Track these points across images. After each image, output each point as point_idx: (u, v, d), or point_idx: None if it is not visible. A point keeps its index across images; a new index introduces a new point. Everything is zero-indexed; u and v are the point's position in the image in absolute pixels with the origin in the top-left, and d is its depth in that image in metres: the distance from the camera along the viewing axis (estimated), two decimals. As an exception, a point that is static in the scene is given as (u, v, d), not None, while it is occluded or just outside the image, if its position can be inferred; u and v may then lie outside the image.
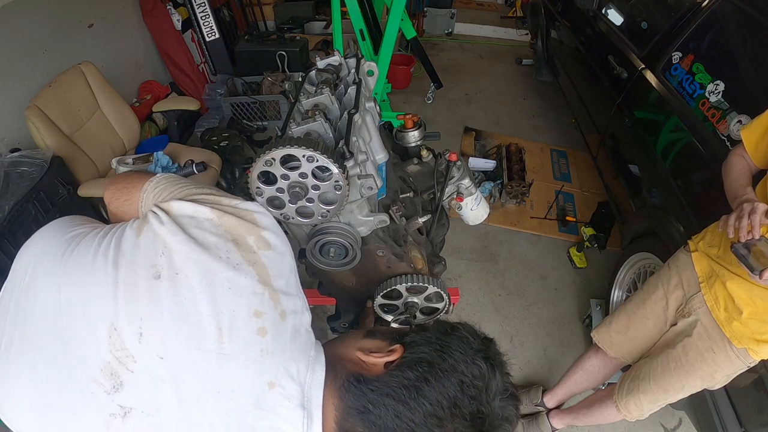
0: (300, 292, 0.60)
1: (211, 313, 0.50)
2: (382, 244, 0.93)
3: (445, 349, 0.56)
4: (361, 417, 0.52)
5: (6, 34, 2.07)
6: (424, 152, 1.23)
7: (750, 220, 1.01)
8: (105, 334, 0.50)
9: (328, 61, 1.04)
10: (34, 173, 1.78)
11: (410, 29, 3.11)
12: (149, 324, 0.50)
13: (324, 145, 0.72)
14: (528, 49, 4.83)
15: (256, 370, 0.51)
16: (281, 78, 3.36)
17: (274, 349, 0.52)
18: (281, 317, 0.54)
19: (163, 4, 3.16)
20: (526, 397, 1.86)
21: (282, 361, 0.53)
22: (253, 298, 0.53)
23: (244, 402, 0.50)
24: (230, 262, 0.53)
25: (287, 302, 0.56)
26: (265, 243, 0.57)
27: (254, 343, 0.51)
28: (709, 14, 1.87)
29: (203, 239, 0.54)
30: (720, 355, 1.22)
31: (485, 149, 3.40)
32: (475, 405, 0.52)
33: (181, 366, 0.49)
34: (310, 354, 0.56)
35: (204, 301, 0.51)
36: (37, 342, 0.54)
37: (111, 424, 0.49)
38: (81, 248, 0.58)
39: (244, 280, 0.53)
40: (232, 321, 0.51)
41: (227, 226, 0.56)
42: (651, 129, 1.99)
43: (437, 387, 0.52)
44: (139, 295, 0.51)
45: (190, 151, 2.38)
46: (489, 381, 0.54)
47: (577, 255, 2.57)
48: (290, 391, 0.52)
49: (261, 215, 0.59)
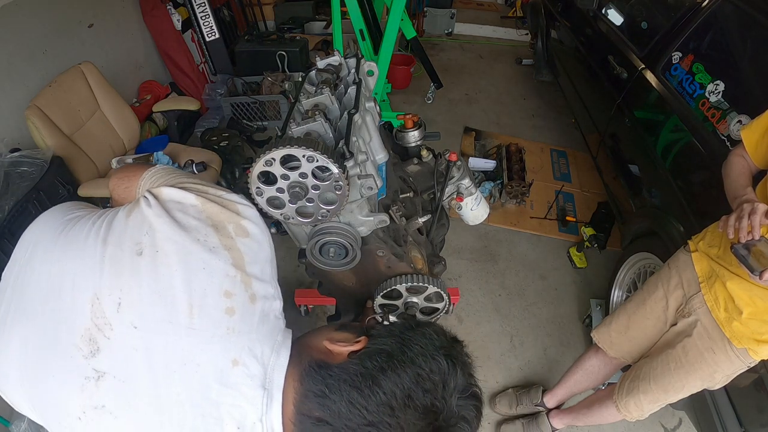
0: (274, 280, 0.63)
1: (185, 290, 0.54)
2: (382, 244, 0.94)
3: (406, 343, 0.57)
4: (318, 401, 0.53)
5: (6, 34, 2.07)
6: (424, 152, 1.23)
7: (750, 221, 1.01)
8: (88, 303, 0.54)
9: (328, 61, 1.04)
10: (34, 173, 1.78)
11: (410, 29, 3.11)
12: (128, 295, 0.54)
13: (324, 145, 0.72)
14: (528, 49, 4.83)
15: (221, 347, 0.54)
16: (281, 78, 3.36)
17: (241, 329, 0.55)
18: (251, 300, 0.58)
19: (163, 4, 3.16)
20: (526, 397, 1.86)
21: (247, 341, 0.55)
22: (225, 280, 0.56)
23: (208, 377, 0.53)
24: (207, 244, 0.57)
25: (259, 287, 0.59)
26: (243, 231, 0.61)
27: (221, 321, 0.55)
28: (709, 14, 1.87)
29: (185, 222, 0.58)
30: (720, 355, 1.22)
31: (485, 149, 3.40)
32: (429, 399, 0.53)
33: (153, 336, 0.53)
34: (276, 338, 0.59)
35: (179, 278, 0.54)
36: (31, 311, 0.58)
37: (85, 387, 0.53)
38: (77, 227, 0.62)
39: (218, 262, 0.57)
40: (203, 299, 0.54)
41: (209, 213, 0.60)
42: (651, 129, 1.99)
43: (393, 377, 0.53)
44: (122, 269, 0.55)
45: (190, 151, 2.38)
46: (447, 377, 0.55)
47: (577, 255, 2.57)
48: (253, 371, 0.54)
49: (244, 206, 0.63)
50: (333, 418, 0.52)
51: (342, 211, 0.81)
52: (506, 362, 2.10)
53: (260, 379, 0.54)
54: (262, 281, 0.60)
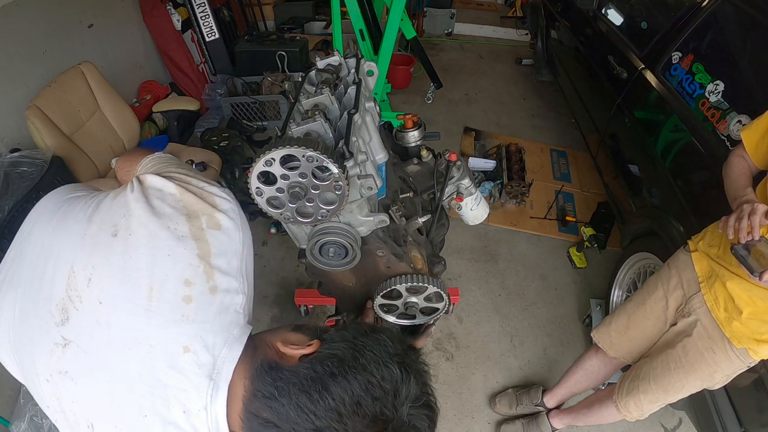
0: (241, 276, 0.63)
1: (148, 273, 0.57)
2: (382, 244, 0.93)
3: (359, 349, 0.56)
4: (267, 402, 0.53)
5: (6, 34, 2.07)
6: (424, 152, 1.23)
7: (750, 221, 1.01)
8: (66, 275, 0.58)
9: (328, 61, 1.04)
10: (34, 173, 1.78)
11: (410, 29, 3.11)
12: (98, 272, 0.57)
13: (324, 145, 0.72)
14: (528, 49, 4.83)
15: (174, 332, 0.55)
16: (281, 78, 3.36)
17: (195, 318, 0.57)
18: (211, 291, 0.59)
19: (163, 4, 3.16)
20: (526, 397, 1.87)
21: (200, 330, 0.56)
22: (188, 268, 0.58)
23: (159, 359, 0.55)
24: (176, 233, 0.60)
25: (221, 280, 0.60)
26: (216, 223, 0.63)
27: (177, 307, 0.56)
28: (709, 14, 1.87)
29: (160, 209, 0.61)
30: (720, 355, 1.22)
31: (485, 149, 3.40)
32: (379, 406, 0.52)
33: (114, 312, 0.56)
34: (232, 332, 0.59)
35: (144, 261, 0.57)
36: (21, 280, 0.63)
37: (54, 352, 0.57)
38: (73, 206, 0.66)
39: (184, 251, 0.59)
40: (163, 283, 0.57)
41: (185, 202, 0.63)
42: (651, 129, 1.99)
43: (342, 383, 0.52)
44: (97, 247, 0.59)
45: (190, 151, 2.38)
46: (399, 386, 0.54)
47: (577, 255, 2.57)
48: (202, 360, 0.55)
49: (222, 199, 0.65)
50: (281, 421, 0.52)
51: (342, 211, 0.81)
52: (506, 362, 2.10)
53: (208, 369, 0.55)
54: (226, 274, 0.61)
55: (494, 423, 1.89)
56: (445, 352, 2.12)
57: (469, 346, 2.16)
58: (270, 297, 2.29)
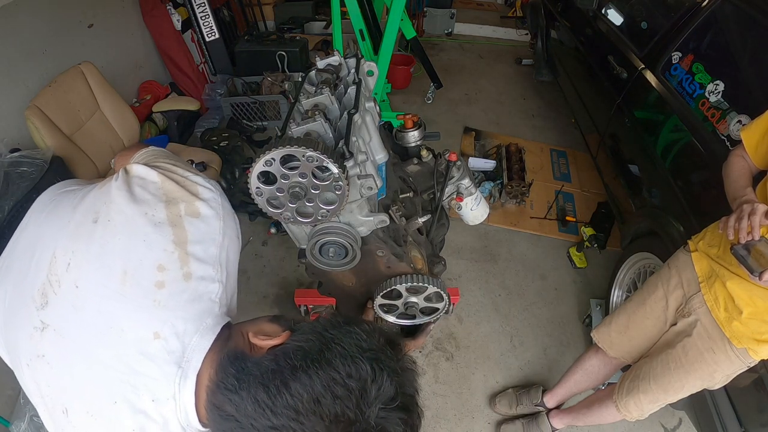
0: (219, 264, 0.63)
1: (123, 258, 0.57)
2: (382, 244, 0.93)
3: (327, 342, 0.52)
4: (228, 395, 0.51)
5: (6, 34, 2.06)
6: (424, 152, 1.23)
7: (750, 221, 1.01)
8: (48, 261, 0.59)
9: (328, 61, 1.04)
10: (34, 173, 1.78)
11: (410, 29, 3.11)
12: (76, 257, 0.58)
13: (324, 145, 0.72)
14: (528, 49, 4.83)
15: (145, 317, 0.55)
16: (281, 78, 3.36)
17: (167, 304, 0.56)
18: (185, 278, 0.58)
19: (163, 4, 3.16)
20: (526, 397, 1.87)
21: (171, 317, 0.56)
22: (162, 254, 0.58)
23: (130, 344, 0.54)
24: (153, 219, 0.59)
25: (197, 267, 0.60)
26: (194, 211, 0.62)
27: (149, 293, 0.56)
28: (709, 14, 1.87)
29: (140, 196, 0.61)
30: (720, 355, 1.22)
31: (485, 149, 3.40)
32: (340, 406, 0.47)
33: (89, 296, 0.56)
34: (205, 320, 0.58)
35: (120, 246, 0.58)
36: (13, 269, 0.64)
37: (33, 336, 0.57)
38: (64, 198, 0.68)
39: (159, 237, 0.59)
40: (137, 269, 0.57)
41: (166, 190, 0.63)
42: (651, 129, 1.99)
43: (303, 379, 0.48)
44: (79, 234, 0.60)
45: (190, 151, 2.38)
46: (367, 384, 0.48)
47: (577, 255, 2.57)
48: (172, 347, 0.54)
49: (204, 189, 0.65)
50: (240, 416, 0.49)
51: (342, 211, 0.81)
52: (506, 362, 2.10)
53: (177, 356, 0.54)
54: (202, 262, 0.60)
55: (494, 423, 1.89)
56: (445, 352, 2.12)
57: (469, 346, 2.16)
58: (270, 297, 2.29)
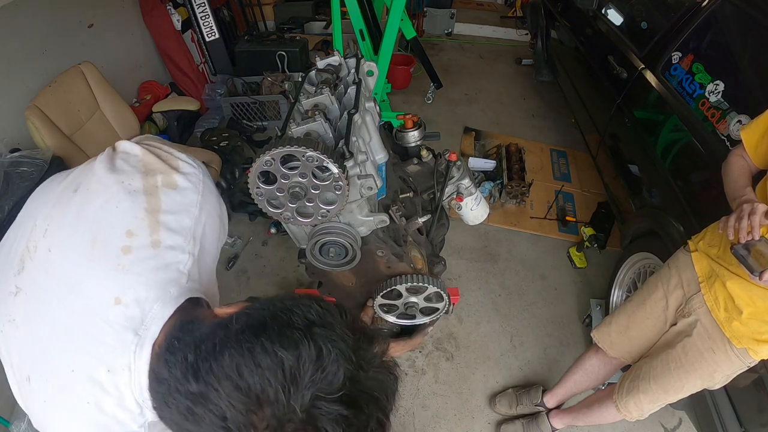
0: (191, 237, 0.61)
1: (94, 224, 0.58)
2: (382, 244, 0.93)
3: (276, 312, 0.47)
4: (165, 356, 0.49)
5: (6, 34, 2.07)
6: (424, 152, 1.23)
7: (750, 221, 1.01)
8: (30, 228, 0.60)
9: (328, 61, 1.04)
10: (34, 173, 1.78)
11: (410, 29, 3.11)
12: (53, 223, 0.59)
13: (324, 145, 0.72)
14: (528, 49, 4.83)
15: (108, 281, 0.54)
16: (281, 78, 3.36)
17: (131, 269, 0.55)
18: (153, 245, 0.58)
19: (163, 4, 3.16)
20: (526, 397, 1.87)
21: (134, 282, 0.55)
22: (133, 221, 0.58)
23: (92, 309, 0.53)
24: (129, 188, 0.60)
25: (167, 236, 0.59)
26: (171, 182, 0.62)
27: (114, 257, 0.56)
28: (709, 14, 1.87)
29: (119, 167, 0.62)
30: (720, 355, 1.22)
31: (485, 149, 3.40)
32: (260, 379, 0.41)
33: (59, 261, 0.56)
34: (169, 290, 0.56)
35: (93, 212, 0.58)
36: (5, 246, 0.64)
37: (7, 300, 0.57)
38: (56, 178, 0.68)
39: (132, 204, 0.59)
40: (106, 234, 0.57)
41: (146, 162, 0.63)
42: (651, 129, 1.99)
43: (233, 344, 0.44)
44: (59, 202, 0.61)
45: (189, 151, 2.37)
46: (303, 363, 0.42)
47: (577, 255, 2.57)
48: (131, 313, 0.53)
49: (186, 164, 0.65)
50: (171, 378, 0.46)
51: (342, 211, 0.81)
52: (506, 362, 2.10)
53: (136, 323, 0.52)
54: (173, 232, 0.60)
55: (494, 423, 1.89)
56: (445, 352, 2.12)
57: (469, 346, 2.16)
58: (270, 297, 2.28)
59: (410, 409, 1.91)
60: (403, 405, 1.91)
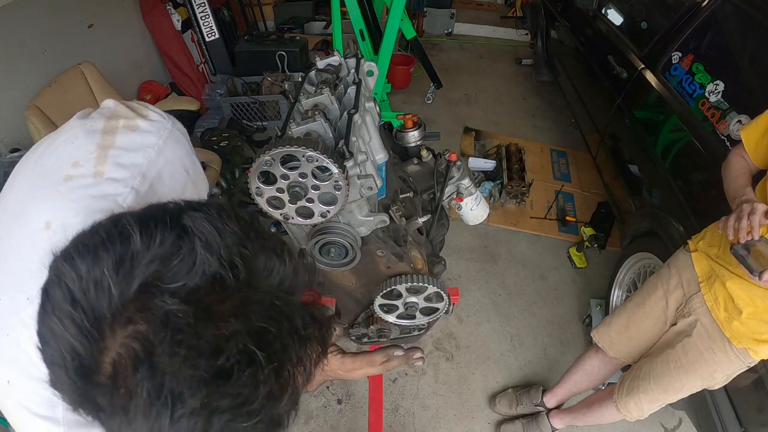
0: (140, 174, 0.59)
1: (49, 158, 0.60)
2: (382, 244, 0.93)
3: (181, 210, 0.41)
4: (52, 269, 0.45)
5: (6, 34, 2.07)
6: (423, 152, 1.23)
7: (749, 221, 1.01)
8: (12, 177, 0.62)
9: (328, 61, 1.04)
10: (34, 173, 1.78)
11: (410, 29, 3.11)
12: (21, 164, 0.62)
13: (324, 145, 0.72)
14: (528, 49, 4.83)
15: (43, 206, 0.55)
16: (281, 78, 3.36)
17: (66, 196, 0.55)
18: (95, 175, 0.57)
19: (163, 4, 3.16)
20: (526, 397, 1.87)
21: (65, 208, 0.54)
22: (82, 153, 0.59)
23: (25, 235, 0.54)
24: (90, 128, 0.61)
25: (112, 169, 0.59)
26: (132, 126, 0.63)
27: (55, 183, 0.56)
28: (709, 14, 1.87)
29: (89, 114, 0.64)
30: (720, 355, 1.22)
31: (485, 149, 3.40)
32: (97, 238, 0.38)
33: (14, 197, 0.59)
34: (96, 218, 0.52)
35: (53, 149, 0.61)
36: None
37: None
38: None
39: (85, 140, 0.60)
40: (56, 164, 0.58)
41: (114, 110, 0.64)
42: (651, 129, 1.99)
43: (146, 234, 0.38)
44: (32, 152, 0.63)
45: (190, 151, 2.38)
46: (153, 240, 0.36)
47: (577, 255, 2.57)
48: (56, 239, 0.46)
49: (156, 114, 0.66)
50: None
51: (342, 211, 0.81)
52: (506, 362, 2.10)
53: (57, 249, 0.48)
54: (120, 166, 0.59)
55: (494, 423, 1.89)
56: (445, 352, 2.12)
57: (469, 346, 2.16)
58: (270, 297, 2.29)
59: (410, 409, 1.91)
60: (403, 405, 1.91)
